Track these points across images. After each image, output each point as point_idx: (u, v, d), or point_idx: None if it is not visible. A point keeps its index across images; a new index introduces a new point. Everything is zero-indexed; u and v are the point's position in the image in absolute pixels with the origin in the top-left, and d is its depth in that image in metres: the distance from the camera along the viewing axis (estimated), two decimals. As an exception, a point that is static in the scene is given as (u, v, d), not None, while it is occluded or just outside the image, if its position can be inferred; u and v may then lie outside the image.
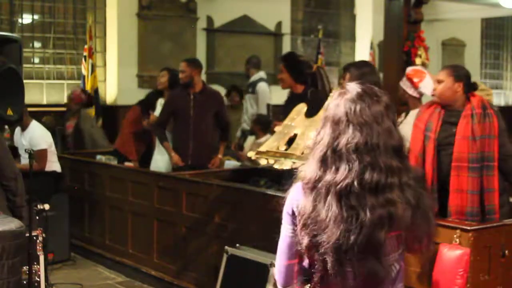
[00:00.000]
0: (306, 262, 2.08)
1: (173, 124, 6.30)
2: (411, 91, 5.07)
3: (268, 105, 8.29)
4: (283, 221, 2.12)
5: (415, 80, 5.14)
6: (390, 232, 1.93)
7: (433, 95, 4.17)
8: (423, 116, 4.20)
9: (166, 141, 6.27)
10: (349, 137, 1.95)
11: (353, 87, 2.03)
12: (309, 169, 2.01)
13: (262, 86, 8.20)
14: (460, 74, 4.10)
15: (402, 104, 5.19)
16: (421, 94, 5.14)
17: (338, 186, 1.92)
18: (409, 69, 5.49)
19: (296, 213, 2.04)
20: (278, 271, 2.15)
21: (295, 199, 2.05)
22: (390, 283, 2.00)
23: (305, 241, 1.98)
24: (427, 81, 5.15)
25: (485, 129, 3.95)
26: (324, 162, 1.97)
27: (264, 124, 7.71)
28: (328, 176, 1.95)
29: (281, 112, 5.42)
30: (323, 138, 2.00)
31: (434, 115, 4.14)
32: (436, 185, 4.03)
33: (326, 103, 2.10)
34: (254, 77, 8.25)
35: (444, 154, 4.04)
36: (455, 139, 3.99)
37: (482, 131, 3.95)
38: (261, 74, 8.32)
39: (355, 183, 1.91)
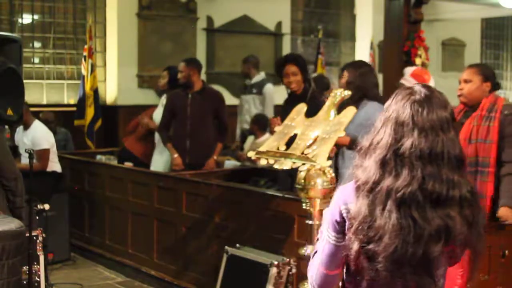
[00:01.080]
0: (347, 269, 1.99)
1: (173, 123, 6.32)
2: None
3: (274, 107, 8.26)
4: (325, 227, 1.98)
5: (425, 77, 5.12)
6: (446, 247, 1.84)
7: (459, 95, 4.01)
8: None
9: (169, 142, 6.26)
10: (414, 141, 1.83)
11: (420, 89, 1.91)
12: (366, 170, 1.87)
13: (269, 88, 8.04)
14: (488, 74, 3.98)
15: None
16: None
17: (400, 193, 1.81)
18: (413, 68, 5.48)
19: (346, 218, 1.90)
20: (317, 279, 2.01)
21: (345, 202, 1.91)
22: None
23: (355, 246, 1.85)
24: (432, 82, 5.14)
25: (482, 133, 3.85)
26: (384, 165, 1.85)
27: (262, 124, 7.71)
28: (388, 180, 1.83)
29: (281, 112, 5.42)
30: (383, 139, 1.87)
31: (457, 116, 4.01)
32: None
33: (387, 102, 1.95)
34: (257, 78, 8.11)
35: None
36: None
37: (479, 134, 3.86)
38: (263, 74, 8.25)
39: (418, 191, 1.81)
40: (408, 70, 5.37)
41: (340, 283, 2.00)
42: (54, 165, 6.34)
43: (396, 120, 1.87)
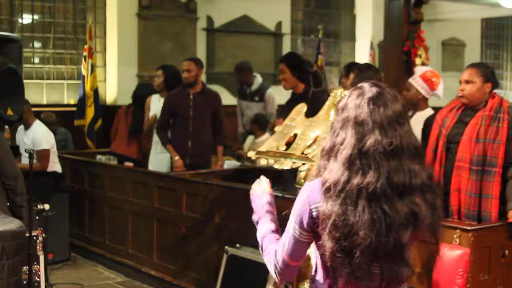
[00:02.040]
0: (320, 267, 2.07)
1: (172, 124, 6.30)
2: (424, 92, 5.03)
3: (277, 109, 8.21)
4: (293, 223, 2.05)
5: (434, 80, 5.11)
6: (414, 233, 1.96)
7: (460, 96, 4.01)
8: (443, 111, 4.13)
9: (168, 143, 6.24)
10: (376, 139, 1.93)
11: (370, 87, 2.00)
12: (333, 172, 1.95)
13: (270, 94, 7.85)
14: (489, 75, 3.98)
15: (410, 104, 5.17)
16: (434, 96, 5.11)
17: (370, 189, 1.90)
18: (424, 69, 5.45)
19: (317, 218, 1.98)
20: (280, 268, 2.10)
21: (314, 202, 1.99)
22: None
23: (329, 244, 1.94)
24: (441, 86, 5.14)
25: (491, 133, 3.84)
26: (350, 165, 1.93)
27: (262, 123, 7.71)
28: (357, 179, 1.91)
29: (282, 112, 5.43)
30: (346, 139, 1.96)
31: (452, 112, 4.07)
32: (443, 182, 3.97)
33: (341, 103, 2.05)
34: (256, 84, 7.90)
35: (451, 151, 3.99)
36: (461, 139, 3.93)
37: (488, 134, 3.85)
38: (259, 78, 8.10)
39: (385, 186, 1.91)
40: (419, 71, 5.35)
41: (320, 281, 2.07)
42: (54, 165, 6.34)
43: (355, 120, 1.96)
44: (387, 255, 1.93)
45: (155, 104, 6.63)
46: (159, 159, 6.57)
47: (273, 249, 2.14)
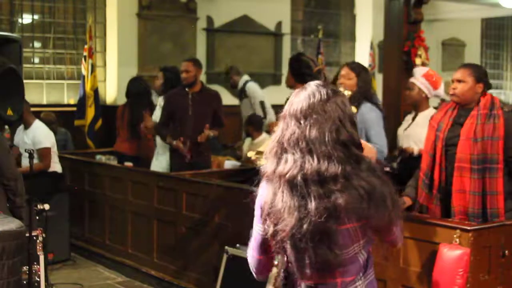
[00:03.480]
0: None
1: (172, 123, 6.30)
2: (427, 91, 5.04)
3: (262, 102, 8.30)
4: (254, 220, 2.20)
5: (436, 79, 5.12)
6: (343, 223, 1.99)
7: (452, 94, 4.04)
8: (437, 116, 4.16)
9: (166, 137, 6.23)
10: (291, 130, 2.05)
11: (309, 85, 2.15)
12: (267, 164, 2.12)
13: (250, 86, 8.32)
14: (481, 75, 4.02)
15: (412, 104, 5.17)
16: (435, 96, 5.12)
17: (286, 177, 2.02)
18: (425, 69, 5.45)
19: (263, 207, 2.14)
20: (251, 263, 2.26)
21: (261, 195, 2.16)
22: (360, 270, 2.09)
23: (270, 230, 2.08)
24: (442, 87, 5.15)
25: (489, 131, 3.86)
26: (276, 156, 2.09)
27: (257, 124, 7.72)
28: (279, 168, 2.06)
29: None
30: (276, 133, 2.12)
31: (446, 115, 4.09)
32: (444, 184, 4.00)
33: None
34: (241, 83, 8.34)
35: (450, 154, 4.00)
36: (459, 140, 3.94)
37: (485, 132, 3.87)
38: (245, 77, 8.39)
39: (298, 174, 2.01)
40: (421, 70, 5.35)
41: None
42: (55, 165, 6.34)
43: (283, 115, 2.13)
44: (312, 242, 1.99)
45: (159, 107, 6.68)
46: (160, 160, 6.59)
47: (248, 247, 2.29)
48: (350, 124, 2.07)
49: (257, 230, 2.19)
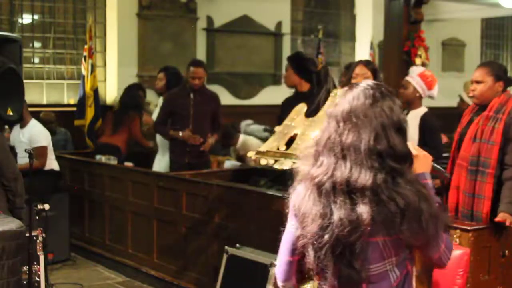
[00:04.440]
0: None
1: (171, 123, 6.31)
2: (421, 90, 5.05)
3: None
4: (288, 217, 2.11)
5: (432, 80, 5.14)
6: (372, 236, 1.87)
7: (471, 96, 4.02)
8: (467, 111, 4.14)
9: (169, 132, 6.24)
10: (328, 132, 1.96)
11: (358, 85, 2.01)
12: (304, 163, 2.02)
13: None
14: (500, 73, 3.95)
15: (405, 102, 5.18)
16: (429, 96, 5.13)
17: (315, 181, 1.94)
18: (421, 69, 5.46)
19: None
20: (278, 266, 2.13)
21: (295, 193, 2.06)
22: None
23: (298, 232, 2.00)
24: (437, 85, 5.17)
25: (487, 133, 3.83)
26: (312, 157, 1.99)
27: (228, 133, 7.64)
28: (312, 170, 1.96)
29: (281, 109, 5.43)
30: (318, 134, 2.03)
31: (469, 113, 4.09)
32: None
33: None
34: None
35: (459, 150, 4.04)
36: (464, 138, 3.95)
37: (483, 135, 3.85)
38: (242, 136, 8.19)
39: (328, 180, 1.91)
40: (417, 70, 5.35)
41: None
42: (52, 163, 6.34)
43: (328, 116, 2.03)
44: (334, 253, 1.89)
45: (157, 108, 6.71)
46: (157, 159, 6.61)
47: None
48: (395, 132, 1.93)
49: (289, 227, 2.08)
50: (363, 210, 1.85)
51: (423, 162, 2.07)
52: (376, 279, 1.92)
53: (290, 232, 2.07)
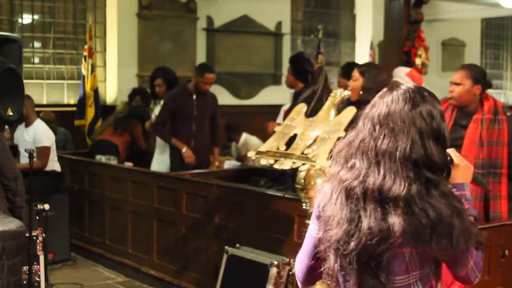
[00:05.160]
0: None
1: (172, 123, 6.31)
2: None
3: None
4: (311, 219, 2.02)
5: (419, 79, 5.15)
6: (399, 246, 1.80)
7: (450, 97, 4.06)
8: None
9: (172, 137, 6.26)
10: (363, 135, 1.87)
11: (398, 87, 1.92)
12: (334, 163, 1.93)
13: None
14: (478, 76, 4.00)
15: None
16: None
17: (344, 184, 1.84)
18: (407, 69, 5.49)
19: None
20: (298, 269, 2.06)
21: (321, 193, 1.96)
22: None
23: (320, 234, 1.91)
24: (423, 86, 5.19)
25: (493, 136, 3.89)
26: (343, 158, 1.89)
27: (235, 127, 7.72)
28: (341, 172, 1.87)
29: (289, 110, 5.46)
30: (351, 132, 1.93)
31: (446, 115, 4.05)
32: None
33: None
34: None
35: None
36: (463, 143, 3.94)
37: (490, 137, 3.89)
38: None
39: (359, 185, 1.82)
40: (403, 70, 5.37)
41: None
42: (54, 164, 6.35)
43: (363, 117, 1.92)
44: (358, 262, 1.81)
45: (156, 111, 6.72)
46: (156, 159, 6.62)
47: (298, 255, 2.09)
48: (434, 140, 1.84)
49: (312, 230, 1.99)
50: (395, 221, 1.77)
51: (463, 172, 1.99)
52: None
53: (311, 235, 1.99)
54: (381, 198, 1.79)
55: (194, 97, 6.22)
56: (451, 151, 1.97)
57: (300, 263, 2.04)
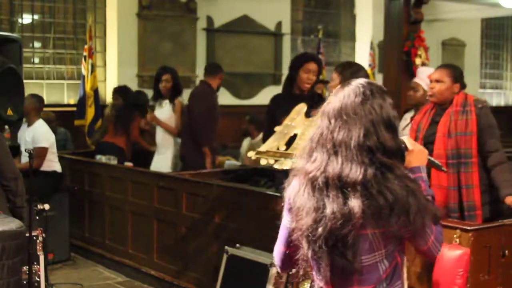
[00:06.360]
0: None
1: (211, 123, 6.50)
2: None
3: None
4: (283, 211, 2.19)
5: None
6: (363, 228, 1.94)
7: (430, 94, 4.22)
8: (417, 118, 4.34)
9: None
10: (321, 129, 2.03)
11: (351, 82, 2.08)
12: (300, 159, 2.09)
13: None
14: (458, 75, 4.19)
15: (414, 104, 5.19)
16: None
17: (309, 176, 2.00)
18: (429, 70, 5.45)
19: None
20: (276, 256, 2.24)
21: (290, 187, 2.13)
22: (379, 280, 2.02)
23: (292, 225, 2.08)
24: None
25: (461, 126, 4.02)
26: (307, 154, 2.06)
27: (258, 124, 7.74)
28: (306, 166, 2.03)
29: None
30: (312, 131, 2.09)
31: (425, 115, 4.26)
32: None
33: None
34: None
35: (429, 152, 4.09)
36: (435, 137, 4.09)
37: (458, 128, 4.02)
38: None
39: (321, 175, 1.98)
40: (425, 71, 5.36)
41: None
42: (54, 165, 6.35)
43: (320, 111, 2.09)
44: (327, 246, 1.96)
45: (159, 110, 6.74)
46: (156, 159, 6.63)
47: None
48: (385, 128, 2.00)
49: (285, 221, 2.17)
50: (355, 204, 1.92)
51: (418, 156, 2.15)
52: (366, 271, 1.99)
53: (285, 226, 2.17)
54: (341, 185, 1.95)
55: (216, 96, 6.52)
56: (404, 138, 2.13)
57: (277, 251, 2.23)
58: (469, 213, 3.97)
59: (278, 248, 2.22)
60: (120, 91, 7.67)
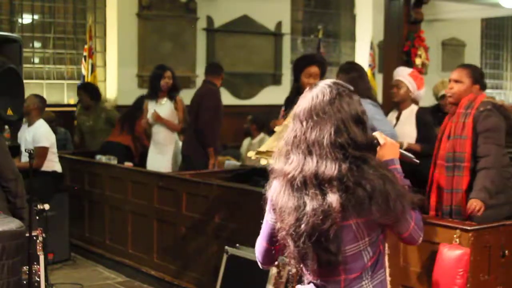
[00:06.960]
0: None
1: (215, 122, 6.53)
2: (413, 90, 5.09)
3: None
4: (266, 208, 2.27)
5: (421, 80, 5.17)
6: (345, 219, 2.01)
7: (449, 96, 4.10)
8: (446, 119, 4.22)
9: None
10: (294, 132, 2.09)
11: (317, 84, 2.14)
12: (277, 162, 2.16)
13: None
14: (478, 76, 4.06)
15: (398, 101, 5.21)
16: (417, 96, 5.18)
17: (288, 177, 2.07)
18: (409, 69, 5.49)
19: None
20: (257, 250, 2.32)
21: (271, 189, 2.20)
22: (364, 268, 2.08)
23: (277, 225, 2.14)
24: (423, 89, 5.22)
25: (458, 129, 3.95)
26: (284, 156, 2.12)
27: (260, 124, 7.74)
28: (284, 168, 2.10)
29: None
30: (287, 133, 2.15)
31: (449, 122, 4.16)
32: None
33: None
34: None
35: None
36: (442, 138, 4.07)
37: (456, 131, 3.96)
38: None
39: (299, 175, 2.05)
40: (406, 70, 5.38)
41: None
42: (55, 165, 6.35)
43: (292, 114, 2.15)
44: (310, 241, 2.03)
45: (151, 110, 6.70)
46: (156, 159, 6.61)
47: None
48: (355, 124, 2.07)
49: (268, 218, 2.24)
50: (333, 198, 1.99)
51: (390, 149, 2.22)
52: (351, 260, 2.06)
53: (268, 223, 2.24)
54: (318, 182, 2.03)
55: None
56: (376, 134, 2.21)
57: (259, 246, 2.31)
58: (456, 217, 3.87)
59: (260, 243, 2.30)
60: (85, 88, 7.81)
